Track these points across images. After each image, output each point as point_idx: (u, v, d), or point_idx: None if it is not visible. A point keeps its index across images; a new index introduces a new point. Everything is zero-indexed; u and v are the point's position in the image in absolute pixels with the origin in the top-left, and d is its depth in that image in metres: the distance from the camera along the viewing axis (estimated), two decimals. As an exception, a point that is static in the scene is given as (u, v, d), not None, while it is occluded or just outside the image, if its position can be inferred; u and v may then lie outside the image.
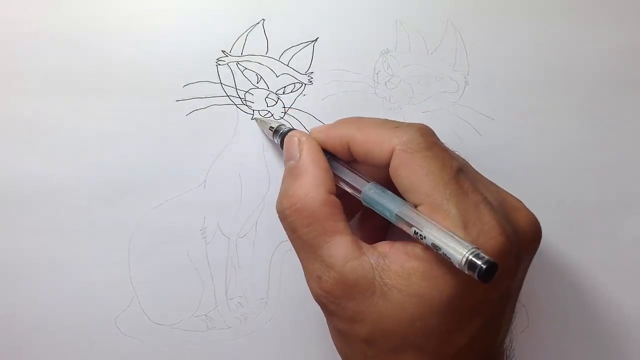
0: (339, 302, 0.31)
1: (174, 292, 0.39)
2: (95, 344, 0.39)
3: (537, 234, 0.33)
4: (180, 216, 0.38)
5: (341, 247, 0.31)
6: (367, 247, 0.31)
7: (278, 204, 0.33)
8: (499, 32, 0.39)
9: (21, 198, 0.38)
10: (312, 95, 0.38)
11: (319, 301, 0.32)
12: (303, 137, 0.34)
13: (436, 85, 0.39)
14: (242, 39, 0.37)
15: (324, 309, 0.32)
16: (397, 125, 0.32)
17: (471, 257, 0.27)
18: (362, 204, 0.32)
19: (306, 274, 0.32)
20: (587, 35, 0.39)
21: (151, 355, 0.39)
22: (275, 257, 0.39)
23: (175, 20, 0.37)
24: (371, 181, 0.32)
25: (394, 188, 0.31)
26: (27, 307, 0.39)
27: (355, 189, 0.33)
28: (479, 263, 0.26)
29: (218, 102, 0.38)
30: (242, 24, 0.37)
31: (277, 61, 0.38)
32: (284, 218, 0.32)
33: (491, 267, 0.26)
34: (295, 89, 0.38)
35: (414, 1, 0.38)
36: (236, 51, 0.37)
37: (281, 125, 0.37)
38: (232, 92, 0.38)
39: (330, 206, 0.31)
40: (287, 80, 0.38)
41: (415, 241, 0.29)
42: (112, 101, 0.37)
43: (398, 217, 0.30)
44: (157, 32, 0.37)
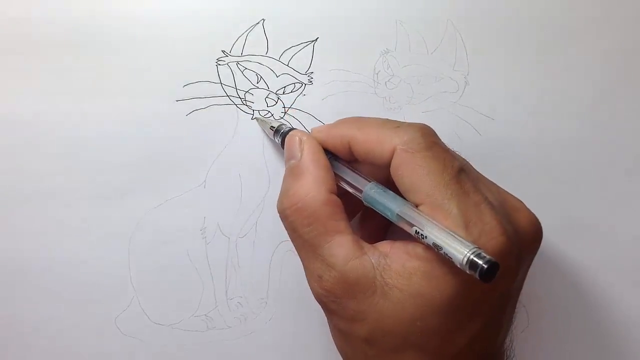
0: (339, 301, 0.31)
1: (174, 292, 0.39)
2: (95, 344, 0.39)
3: (537, 234, 0.33)
4: (180, 216, 0.38)
5: (342, 246, 0.31)
6: (368, 247, 0.31)
7: (279, 203, 0.33)
8: (499, 32, 0.39)
9: (21, 198, 0.38)
10: (312, 95, 0.38)
11: (319, 300, 0.32)
12: (304, 136, 0.34)
13: (436, 85, 0.39)
14: (242, 39, 0.37)
15: (324, 308, 0.32)
16: (398, 125, 0.32)
17: (472, 256, 0.27)
18: (363, 203, 0.32)
19: (307, 274, 0.32)
20: (587, 35, 0.39)
21: (151, 355, 0.39)
22: (275, 257, 0.39)
23: (175, 20, 0.37)
24: (372, 181, 0.32)
25: (395, 188, 0.31)
26: (27, 307, 0.39)
27: (356, 188, 0.33)
28: (480, 263, 0.26)
29: (218, 102, 0.38)
30: (242, 24, 0.37)
31: (277, 61, 0.38)
32: (284, 217, 0.32)
33: (492, 267, 0.26)
34: (295, 89, 0.38)
35: (414, 1, 0.38)
36: (236, 51, 0.37)
37: (282, 125, 0.36)
38: (232, 92, 0.38)
39: (331, 206, 0.31)
40: (287, 80, 0.38)
41: (416, 241, 0.29)
42: (112, 101, 0.37)
43: (399, 216, 0.30)
44: (157, 32, 0.37)
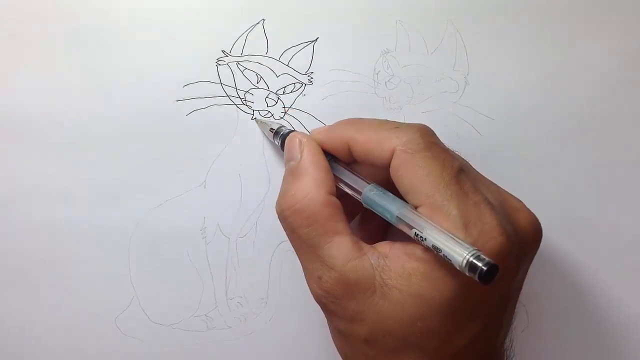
0: (339, 302, 0.31)
1: (174, 292, 0.39)
2: (95, 344, 0.39)
3: (537, 234, 0.33)
4: (180, 216, 0.38)
5: (341, 247, 0.31)
6: (368, 248, 0.31)
7: (278, 204, 0.33)
8: (499, 32, 0.39)
9: (21, 198, 0.38)
10: (312, 95, 0.38)
11: (319, 301, 0.32)
12: (304, 138, 0.34)
13: (436, 85, 0.39)
14: (242, 39, 0.37)
15: (324, 309, 0.32)
16: (397, 125, 0.32)
17: (472, 259, 0.27)
18: (362, 205, 0.32)
19: (306, 275, 0.32)
20: (587, 35, 0.39)
21: (151, 355, 0.39)
22: (275, 257, 0.39)
23: (175, 21, 0.37)
24: (371, 182, 0.32)
25: (395, 189, 0.31)
26: (27, 307, 0.39)
27: (355, 190, 0.33)
28: (480, 265, 0.26)
29: (218, 102, 0.38)
30: (242, 24, 0.37)
31: (277, 61, 0.38)
32: (283, 218, 0.32)
33: (492, 269, 0.26)
34: (295, 89, 0.38)
35: (414, 1, 0.38)
36: (236, 51, 0.37)
37: (281, 127, 0.36)
38: (232, 92, 0.38)
39: (331, 207, 0.31)
40: (287, 80, 0.38)
41: (415, 241, 0.30)
42: (112, 101, 0.37)
43: (399, 218, 0.30)
44: (157, 32, 0.37)
